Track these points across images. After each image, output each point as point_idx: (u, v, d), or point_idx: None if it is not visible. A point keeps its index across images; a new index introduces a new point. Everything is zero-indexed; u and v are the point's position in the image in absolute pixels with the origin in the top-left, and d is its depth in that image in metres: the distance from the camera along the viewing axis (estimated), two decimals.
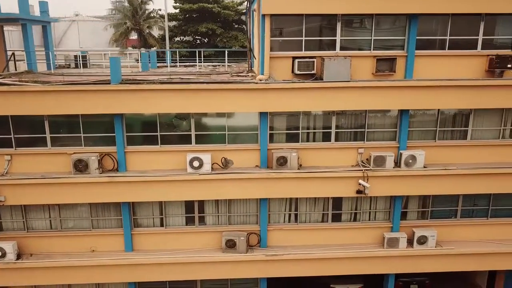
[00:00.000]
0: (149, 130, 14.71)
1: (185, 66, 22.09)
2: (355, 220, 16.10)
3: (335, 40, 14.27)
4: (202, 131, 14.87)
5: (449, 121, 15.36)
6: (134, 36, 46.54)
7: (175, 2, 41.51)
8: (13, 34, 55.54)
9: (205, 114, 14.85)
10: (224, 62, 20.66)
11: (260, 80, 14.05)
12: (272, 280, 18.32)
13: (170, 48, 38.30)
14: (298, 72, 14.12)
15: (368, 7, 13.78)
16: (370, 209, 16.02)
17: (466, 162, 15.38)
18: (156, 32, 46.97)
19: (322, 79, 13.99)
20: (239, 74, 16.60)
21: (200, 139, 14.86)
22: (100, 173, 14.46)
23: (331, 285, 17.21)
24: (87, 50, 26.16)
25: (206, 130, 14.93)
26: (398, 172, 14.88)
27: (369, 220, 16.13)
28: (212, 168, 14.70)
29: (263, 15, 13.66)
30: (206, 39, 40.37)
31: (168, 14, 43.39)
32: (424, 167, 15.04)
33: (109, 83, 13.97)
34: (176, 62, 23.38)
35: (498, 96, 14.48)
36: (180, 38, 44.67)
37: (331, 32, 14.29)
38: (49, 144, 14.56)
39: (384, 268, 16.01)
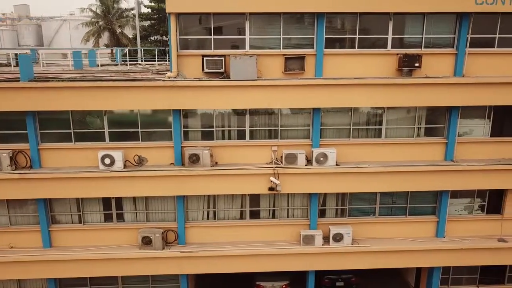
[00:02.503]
0: (63, 127, 14.82)
1: (126, 64, 22.17)
2: (273, 217, 16.23)
3: (244, 38, 14.38)
4: (117, 128, 14.98)
5: (364, 119, 15.49)
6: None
7: (150, 2, 41.75)
8: (4, 34, 55.80)
9: (119, 112, 14.94)
10: None
11: (169, 78, 14.17)
12: (200, 278, 18.58)
13: (143, 47, 38.46)
14: (207, 70, 14.22)
15: (275, 6, 13.87)
16: (288, 206, 16.15)
17: (381, 160, 15.52)
18: (130, 32, 47.11)
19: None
20: (160, 72, 16.71)
21: (115, 136, 14.98)
22: (13, 170, 14.58)
23: (257, 282, 17.31)
24: (37, 49, 26.18)
25: (121, 127, 15.03)
26: (309, 170, 15.00)
27: (288, 217, 16.26)
28: (125, 165, 14.84)
29: (169, 14, 13.78)
30: None
31: (142, 14, 43.45)
32: (337, 165, 15.17)
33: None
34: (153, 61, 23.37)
35: (408, 95, 14.60)
36: (155, 38, 44.87)
37: (240, 30, 14.41)
38: None
39: (301, 265, 16.12)
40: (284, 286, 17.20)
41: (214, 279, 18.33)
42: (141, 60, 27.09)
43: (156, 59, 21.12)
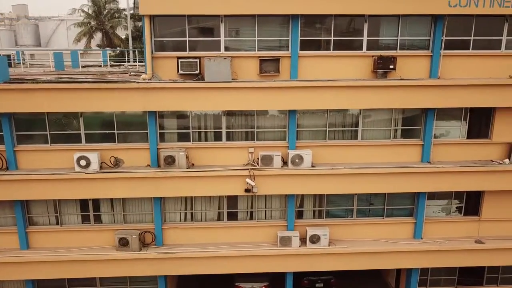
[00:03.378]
0: (40, 129, 14.83)
1: (111, 65, 22.24)
2: (251, 218, 16.26)
3: (220, 40, 14.41)
4: (93, 130, 15.00)
5: (340, 121, 15.51)
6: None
7: None
8: (2, 33, 55.95)
9: (95, 113, 14.95)
10: None
11: (144, 80, 14.20)
12: (182, 279, 18.67)
13: (135, 48, 38.45)
14: (182, 72, 14.25)
15: (249, 8, 13.90)
16: (265, 207, 16.19)
17: (358, 161, 15.54)
18: (123, 32, 47.12)
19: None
20: (140, 73, 16.73)
21: (91, 138, 15.00)
22: None
23: (236, 284, 17.34)
24: (21, 49, 26.25)
25: (97, 129, 15.05)
26: (285, 171, 15.03)
27: (265, 218, 16.29)
28: (101, 167, 14.86)
29: (143, 15, 13.81)
30: None
31: (135, 14, 43.31)
32: (313, 166, 15.21)
33: None
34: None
35: (383, 97, 14.61)
36: None
37: (216, 32, 14.43)
38: None
39: (278, 267, 16.13)
40: (263, 287, 17.24)
41: (196, 280, 18.36)
42: (133, 61, 27.22)
43: (137, 60, 21.14)
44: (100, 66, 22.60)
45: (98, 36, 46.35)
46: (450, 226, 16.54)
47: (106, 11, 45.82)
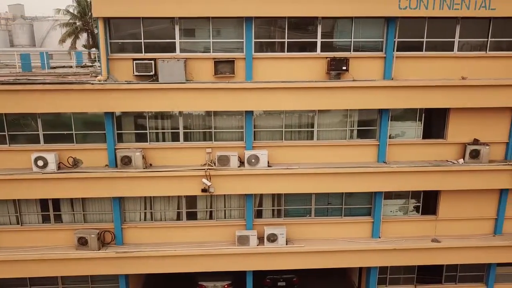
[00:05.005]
0: None
1: (82, 66, 22.43)
2: (211, 218, 16.45)
3: (175, 42, 14.58)
4: (52, 130, 15.15)
5: (296, 122, 15.70)
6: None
7: None
8: None
9: (54, 114, 15.09)
10: None
11: (99, 81, 14.37)
12: (147, 277, 18.86)
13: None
14: (137, 74, 14.43)
15: (203, 10, 14.06)
16: (225, 207, 16.38)
17: (315, 161, 15.74)
18: None
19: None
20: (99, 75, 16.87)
21: (50, 138, 15.16)
22: None
23: (199, 283, 17.53)
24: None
25: (55, 130, 15.19)
26: (241, 171, 15.22)
27: (225, 218, 16.48)
28: (59, 167, 15.03)
29: (96, 18, 13.99)
30: None
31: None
32: (270, 166, 15.40)
33: None
34: None
35: (336, 98, 14.80)
36: None
37: (171, 34, 14.59)
38: None
39: (237, 265, 16.33)
40: (226, 286, 17.42)
41: (162, 279, 18.51)
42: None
43: None
44: (71, 67, 22.74)
45: (84, 36, 46.51)
46: (407, 225, 16.76)
47: (91, 12, 45.87)
